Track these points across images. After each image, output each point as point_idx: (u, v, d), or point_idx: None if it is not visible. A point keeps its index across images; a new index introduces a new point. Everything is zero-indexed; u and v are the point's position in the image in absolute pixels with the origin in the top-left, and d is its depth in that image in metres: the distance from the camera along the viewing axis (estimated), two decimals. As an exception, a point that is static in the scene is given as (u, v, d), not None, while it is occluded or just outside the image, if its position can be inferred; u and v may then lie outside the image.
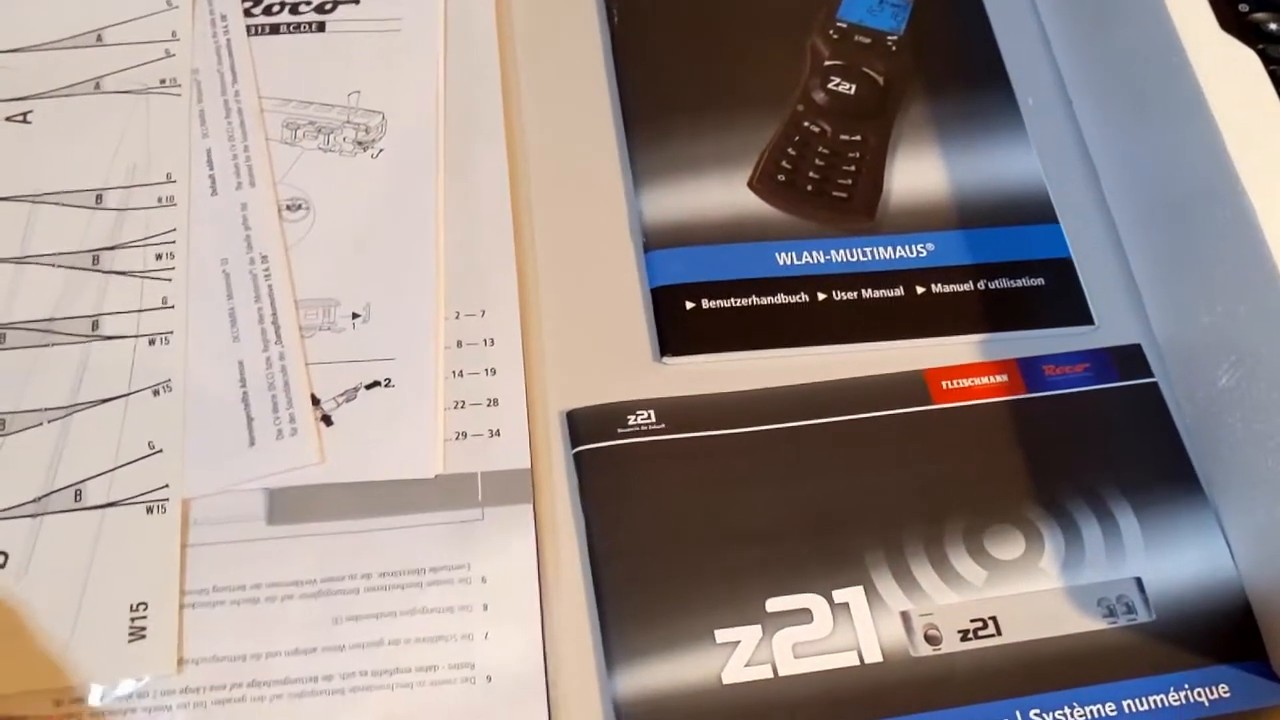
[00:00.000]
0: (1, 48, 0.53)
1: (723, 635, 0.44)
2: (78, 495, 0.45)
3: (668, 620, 0.44)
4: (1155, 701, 0.44)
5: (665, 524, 0.46)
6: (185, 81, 0.53)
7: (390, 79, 0.54)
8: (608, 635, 0.44)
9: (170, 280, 0.49)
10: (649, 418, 0.48)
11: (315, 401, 0.47)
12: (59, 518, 0.44)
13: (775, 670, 0.43)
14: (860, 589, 0.45)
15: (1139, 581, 0.46)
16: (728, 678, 0.43)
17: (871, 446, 0.48)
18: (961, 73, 0.57)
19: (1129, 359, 0.51)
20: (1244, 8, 0.50)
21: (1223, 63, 0.47)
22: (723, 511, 0.46)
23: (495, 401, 0.47)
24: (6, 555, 0.43)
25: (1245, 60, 0.47)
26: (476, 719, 0.42)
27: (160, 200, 0.50)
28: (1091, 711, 0.43)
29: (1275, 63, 0.49)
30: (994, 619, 0.45)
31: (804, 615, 0.45)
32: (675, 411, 0.48)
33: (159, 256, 0.49)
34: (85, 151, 0.51)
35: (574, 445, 0.47)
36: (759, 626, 0.44)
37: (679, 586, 0.45)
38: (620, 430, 0.48)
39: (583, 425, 0.48)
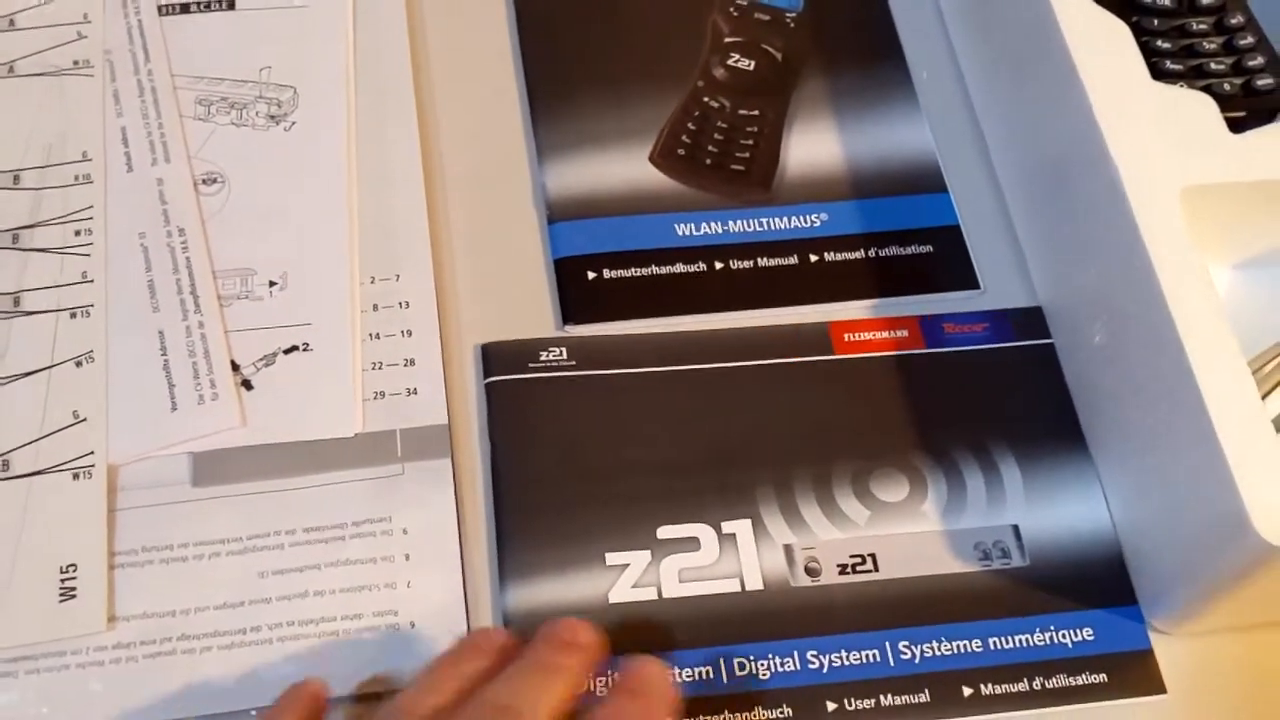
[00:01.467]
0: (-87, 31, 0.57)
1: (613, 558, 0.49)
2: (5, 465, 0.48)
3: (561, 542, 0.49)
4: (1021, 641, 0.49)
5: (568, 453, 0.51)
6: (98, 62, 0.57)
7: (301, 54, 0.58)
8: (502, 553, 0.49)
9: (89, 255, 0.52)
10: (561, 354, 0.53)
11: (235, 367, 0.51)
12: (-14, 486, 0.48)
13: (660, 592, 0.48)
14: (748, 522, 0.50)
15: (1016, 529, 0.51)
16: (614, 597, 0.48)
17: (772, 391, 0.53)
18: (858, 49, 0.63)
19: (1027, 320, 0.56)
20: (1121, -17, 0.56)
21: (1095, 35, 0.52)
22: (624, 444, 0.51)
23: (412, 361, 0.52)
24: (-63, 524, 0.47)
25: (1117, 32, 0.53)
26: (401, 663, 0.46)
27: (77, 178, 0.54)
28: (958, 647, 0.48)
29: (1147, 34, 0.54)
30: (873, 556, 0.50)
31: (692, 543, 0.50)
32: (586, 350, 0.53)
33: (78, 233, 0.53)
34: (2, 134, 0.55)
35: (486, 376, 0.52)
36: (648, 552, 0.49)
37: (575, 511, 0.50)
38: (532, 365, 0.52)
39: (496, 358, 0.53)
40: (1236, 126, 0.51)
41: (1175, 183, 0.49)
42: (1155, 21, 0.55)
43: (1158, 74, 0.53)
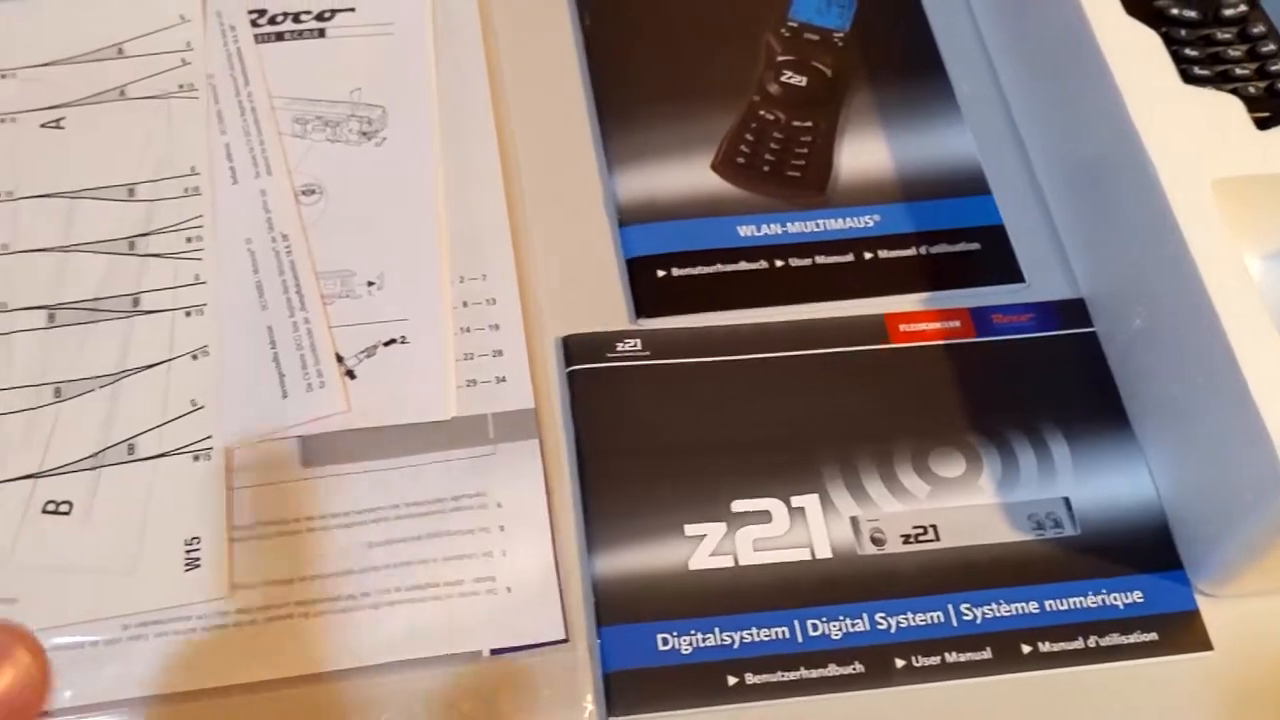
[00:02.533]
0: (34, 62, 0.61)
1: (691, 529, 0.52)
2: (131, 449, 0.52)
3: (643, 514, 0.52)
4: (1074, 603, 0.52)
5: (645, 434, 0.54)
6: (202, 86, 0.61)
7: (388, 76, 0.62)
8: (589, 525, 0.52)
9: (201, 259, 0.56)
10: (636, 345, 0.56)
11: (339, 359, 0.55)
12: (115, 469, 0.52)
13: (736, 560, 0.52)
14: (816, 496, 0.53)
15: (1067, 500, 0.54)
16: (694, 564, 0.52)
17: (833, 377, 0.56)
18: (902, 64, 0.66)
19: (1071, 310, 0.59)
20: (1148, -6, 0.59)
21: (1128, 44, 0.56)
22: (696, 426, 0.55)
23: (500, 352, 0.55)
24: (71, 504, 0.51)
25: (1148, 41, 0.56)
26: (499, 623, 0.49)
27: (186, 190, 0.58)
28: (1016, 609, 0.51)
29: (1176, 43, 0.58)
30: (934, 526, 0.53)
31: (764, 516, 0.53)
32: (659, 341, 0.57)
33: (189, 239, 0.57)
34: (115, 151, 0.59)
35: (568, 365, 0.56)
36: (724, 524, 0.53)
37: (654, 486, 0.53)
38: (609, 354, 0.56)
39: (576, 348, 0.56)
40: (1262, 125, 0.54)
41: (1207, 175, 0.52)
42: (1183, 31, 0.58)
43: (1187, 79, 0.56)
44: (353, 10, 0.64)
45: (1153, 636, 0.51)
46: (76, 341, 0.54)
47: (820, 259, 0.60)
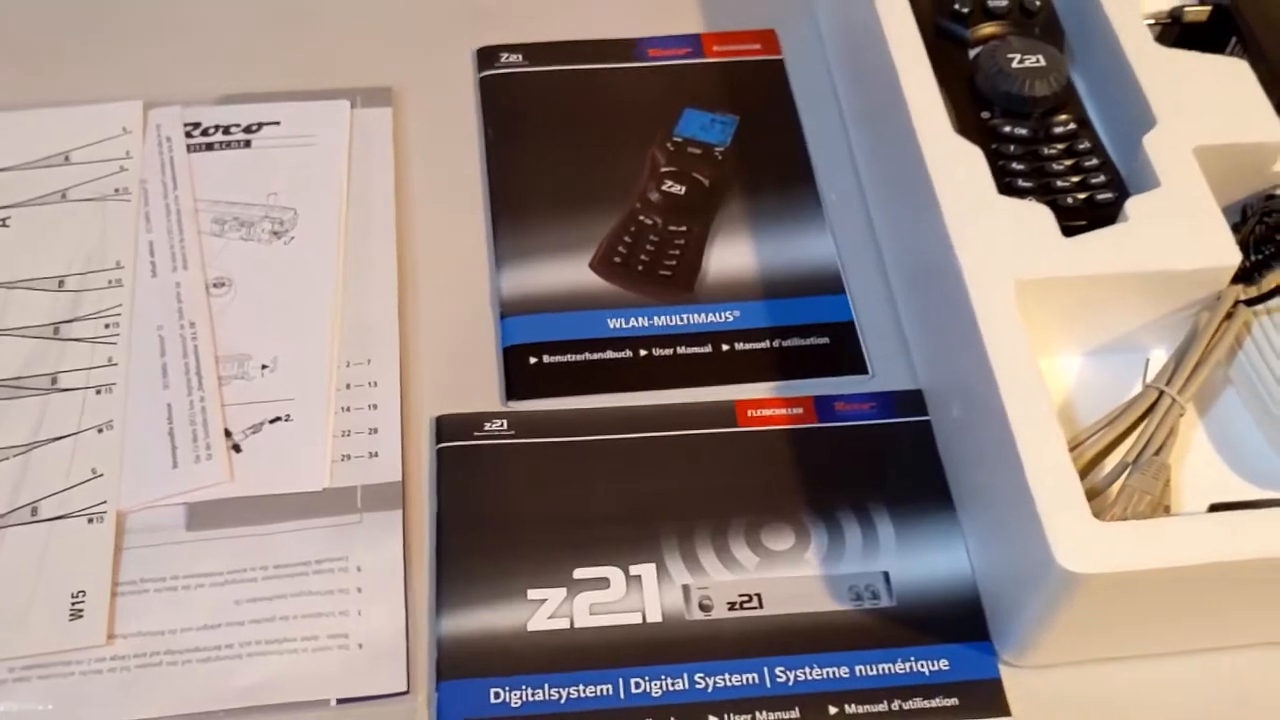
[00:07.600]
0: (-11, 169, 0.66)
1: (534, 594, 0.54)
2: (34, 511, 0.55)
3: (490, 580, 0.55)
4: (883, 669, 0.53)
5: (502, 507, 0.57)
6: (135, 189, 0.65)
7: (303, 182, 0.66)
8: (439, 588, 0.54)
9: (115, 344, 0.60)
10: (503, 425, 0.59)
11: (228, 434, 0.58)
12: (18, 529, 0.55)
13: (572, 623, 0.54)
14: (653, 565, 0.55)
15: (886, 574, 0.56)
16: (532, 626, 0.54)
17: (682, 457, 0.59)
18: (775, 176, 0.69)
19: (910, 401, 0.61)
20: (986, 115, 0.62)
21: (951, 158, 0.58)
22: (552, 500, 0.57)
23: (375, 430, 0.59)
24: (-25, 560, 0.54)
25: (971, 156, 0.58)
26: (348, 677, 0.52)
27: (110, 282, 0.62)
28: (828, 673, 0.53)
29: (1005, 158, 0.60)
30: (759, 595, 0.55)
31: (603, 583, 0.55)
32: (525, 421, 0.59)
33: (107, 326, 0.61)
34: (52, 247, 0.63)
35: (438, 442, 0.59)
36: (564, 589, 0.55)
37: (504, 555, 0.55)
38: (477, 433, 0.59)
39: (447, 427, 0.59)
40: (1071, 233, 0.56)
41: (1009, 276, 0.54)
42: (1012, 147, 0.61)
43: (1009, 191, 0.58)
44: (278, 124, 0.68)
45: (954, 702, 0.52)
46: (-3, 416, 0.58)
47: (682, 350, 0.62)
